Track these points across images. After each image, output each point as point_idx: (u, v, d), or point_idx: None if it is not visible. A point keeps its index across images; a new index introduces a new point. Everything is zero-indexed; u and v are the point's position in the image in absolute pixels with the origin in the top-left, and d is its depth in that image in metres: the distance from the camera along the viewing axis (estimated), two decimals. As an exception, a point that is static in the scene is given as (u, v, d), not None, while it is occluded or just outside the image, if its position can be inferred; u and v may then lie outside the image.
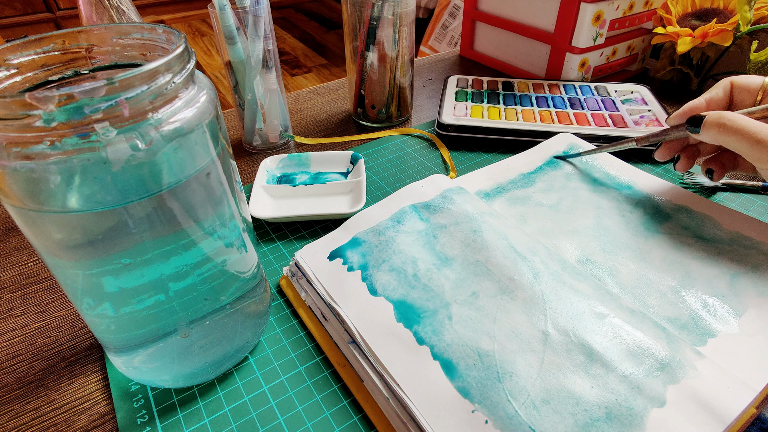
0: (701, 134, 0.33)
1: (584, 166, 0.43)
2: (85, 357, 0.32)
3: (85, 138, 0.18)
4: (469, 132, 0.50)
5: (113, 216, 0.20)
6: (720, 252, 0.34)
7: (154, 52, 0.24)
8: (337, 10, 3.06)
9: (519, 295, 0.29)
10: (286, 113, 0.52)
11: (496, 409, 0.24)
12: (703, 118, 0.33)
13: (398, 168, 0.49)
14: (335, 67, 2.32)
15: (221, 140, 0.23)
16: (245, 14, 0.43)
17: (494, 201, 0.40)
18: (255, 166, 0.50)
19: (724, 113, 0.32)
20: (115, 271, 0.22)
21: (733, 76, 0.36)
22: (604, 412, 0.23)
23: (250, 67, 0.46)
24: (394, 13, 0.48)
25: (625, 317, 0.27)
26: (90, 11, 0.40)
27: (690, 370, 0.25)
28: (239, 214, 0.26)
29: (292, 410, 0.28)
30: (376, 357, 0.27)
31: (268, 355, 0.31)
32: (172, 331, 0.25)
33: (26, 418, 0.28)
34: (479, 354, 0.26)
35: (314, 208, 0.42)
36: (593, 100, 0.55)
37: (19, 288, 0.37)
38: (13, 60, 0.21)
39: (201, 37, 2.66)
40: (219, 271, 0.25)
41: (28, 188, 0.19)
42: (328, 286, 0.32)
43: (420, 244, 0.34)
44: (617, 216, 0.38)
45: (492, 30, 0.70)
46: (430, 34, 1.75)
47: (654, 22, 0.62)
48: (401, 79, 0.53)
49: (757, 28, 0.53)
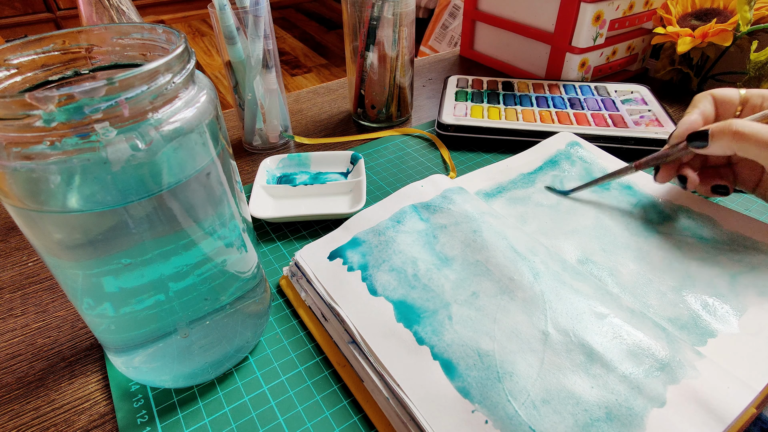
0: (711, 146, 0.32)
1: (584, 166, 0.43)
2: (85, 357, 0.32)
3: (85, 138, 0.18)
4: (469, 132, 0.50)
5: (113, 216, 0.20)
6: (720, 252, 0.34)
7: (154, 52, 0.24)
8: (337, 10, 3.06)
9: (519, 295, 0.29)
10: (286, 113, 0.52)
11: (496, 409, 0.24)
12: (707, 131, 0.32)
13: (398, 168, 0.49)
14: (335, 67, 2.32)
15: (221, 140, 0.23)
16: (245, 14, 0.43)
17: (494, 201, 0.40)
18: (255, 166, 0.50)
19: (731, 122, 0.32)
20: (115, 271, 0.22)
21: (712, 90, 0.36)
22: (604, 412, 0.23)
23: (250, 67, 0.46)
24: (394, 13, 0.48)
25: (625, 317, 0.27)
26: (90, 11, 0.40)
27: (690, 370, 0.25)
28: (239, 214, 0.26)
29: (292, 410, 0.28)
30: (376, 357, 0.27)
31: (268, 355, 0.31)
32: (172, 331, 0.25)
33: (26, 418, 0.28)
34: (479, 354, 0.26)
35: (314, 208, 0.42)
36: (593, 100, 0.55)
37: (19, 288, 0.37)
38: (13, 60, 0.21)
39: (201, 37, 2.66)
40: (219, 271, 0.25)
41: (28, 188, 0.19)
42: (328, 286, 0.32)
43: (420, 244, 0.34)
44: (617, 216, 0.38)
45: (492, 30, 0.70)
46: (430, 34, 1.75)
47: (654, 22, 0.62)
48: (401, 79, 0.53)
49: (757, 28, 0.53)
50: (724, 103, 0.35)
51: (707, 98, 0.36)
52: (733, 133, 0.31)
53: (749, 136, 0.30)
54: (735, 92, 0.35)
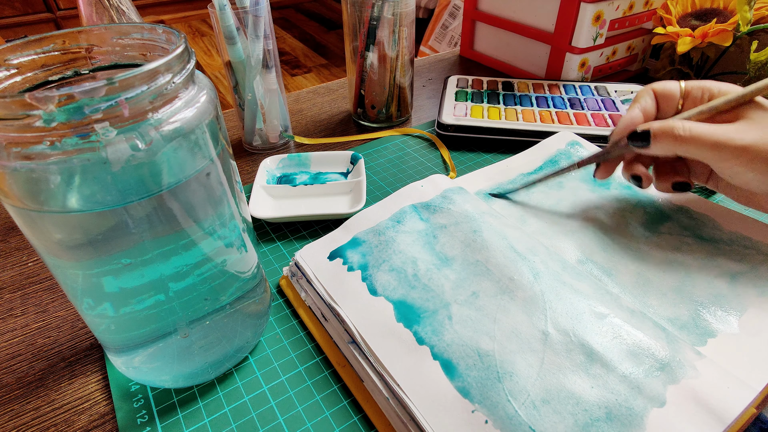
0: (653, 147, 0.32)
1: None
2: (85, 357, 0.32)
3: (85, 138, 0.18)
4: (469, 132, 0.50)
5: (113, 216, 0.20)
6: (720, 252, 0.34)
7: (154, 52, 0.24)
8: (337, 10, 3.06)
9: (519, 295, 0.29)
10: (286, 113, 0.52)
11: (496, 409, 0.24)
12: (648, 132, 0.32)
13: (398, 168, 0.49)
14: (335, 67, 2.32)
15: (221, 140, 0.23)
16: (245, 14, 0.43)
17: (494, 201, 0.40)
18: (255, 166, 0.50)
19: (670, 123, 0.31)
20: (115, 271, 0.22)
21: (653, 84, 0.35)
22: (604, 412, 0.23)
23: (250, 67, 0.46)
24: (394, 13, 0.48)
25: (625, 317, 0.27)
26: (90, 11, 0.40)
27: (690, 370, 0.25)
28: (239, 214, 0.26)
29: (292, 410, 0.28)
30: (376, 357, 0.27)
31: (268, 355, 0.31)
32: (172, 331, 0.25)
33: (26, 418, 0.28)
34: (479, 354, 0.26)
35: (314, 208, 0.42)
36: (593, 100, 0.55)
37: (19, 288, 0.37)
38: (13, 60, 0.21)
39: (201, 37, 2.66)
40: (219, 271, 0.25)
41: (28, 188, 0.19)
42: (328, 286, 0.32)
43: (420, 244, 0.34)
44: (617, 216, 0.38)
45: (492, 30, 0.70)
46: (430, 34, 1.75)
47: (654, 22, 0.62)
48: (401, 79, 0.53)
49: (757, 28, 0.53)
50: (665, 97, 0.35)
51: (648, 93, 0.35)
52: (674, 137, 0.31)
53: (690, 139, 0.30)
54: (676, 86, 0.34)
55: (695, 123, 0.31)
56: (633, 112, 0.35)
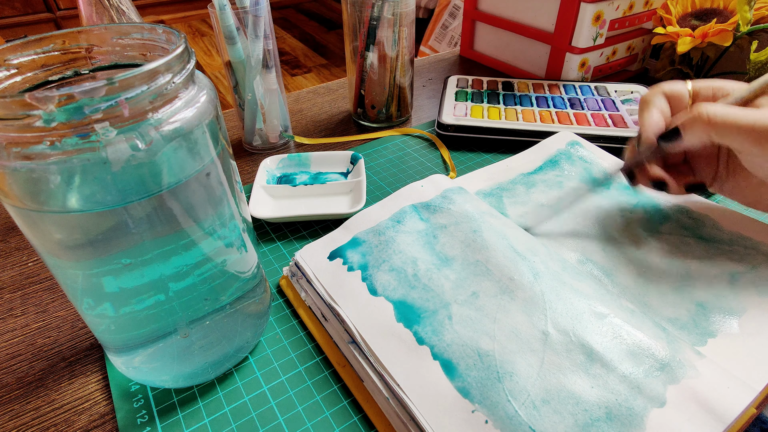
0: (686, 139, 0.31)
1: (584, 166, 0.43)
2: (85, 357, 0.32)
3: (85, 138, 0.18)
4: (469, 132, 0.50)
5: (113, 216, 0.20)
6: (720, 252, 0.34)
7: (154, 52, 0.24)
8: (337, 10, 3.06)
9: (519, 295, 0.29)
10: (286, 113, 0.52)
11: (496, 409, 0.24)
12: (677, 128, 0.31)
13: (398, 168, 0.49)
14: (335, 67, 2.32)
15: (221, 140, 0.23)
16: (245, 14, 0.43)
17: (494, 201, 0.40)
18: (255, 166, 0.50)
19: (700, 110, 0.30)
20: (115, 271, 0.22)
21: (662, 86, 0.35)
22: (604, 412, 0.23)
23: (250, 67, 0.46)
24: (394, 13, 0.48)
25: (625, 317, 0.27)
26: (90, 11, 0.40)
27: (690, 370, 0.25)
28: (239, 214, 0.26)
29: (292, 410, 0.28)
30: (376, 357, 0.27)
31: (268, 355, 0.31)
32: (172, 331, 0.25)
33: (26, 418, 0.28)
34: (479, 354, 0.26)
35: (314, 208, 0.42)
36: (593, 100, 0.55)
37: (19, 288, 0.37)
38: (13, 60, 0.21)
39: (201, 37, 2.66)
40: (219, 271, 0.25)
41: (28, 188, 0.19)
42: (328, 286, 0.32)
43: (420, 244, 0.34)
44: (617, 216, 0.38)
45: (492, 30, 0.70)
46: (430, 34, 1.75)
47: (654, 22, 0.62)
48: (401, 79, 0.53)
49: (757, 28, 0.53)
50: (675, 98, 0.34)
51: (660, 95, 0.34)
52: (706, 121, 0.30)
53: (723, 120, 0.29)
54: (683, 86, 0.34)
55: (724, 105, 0.30)
56: (653, 116, 0.33)
